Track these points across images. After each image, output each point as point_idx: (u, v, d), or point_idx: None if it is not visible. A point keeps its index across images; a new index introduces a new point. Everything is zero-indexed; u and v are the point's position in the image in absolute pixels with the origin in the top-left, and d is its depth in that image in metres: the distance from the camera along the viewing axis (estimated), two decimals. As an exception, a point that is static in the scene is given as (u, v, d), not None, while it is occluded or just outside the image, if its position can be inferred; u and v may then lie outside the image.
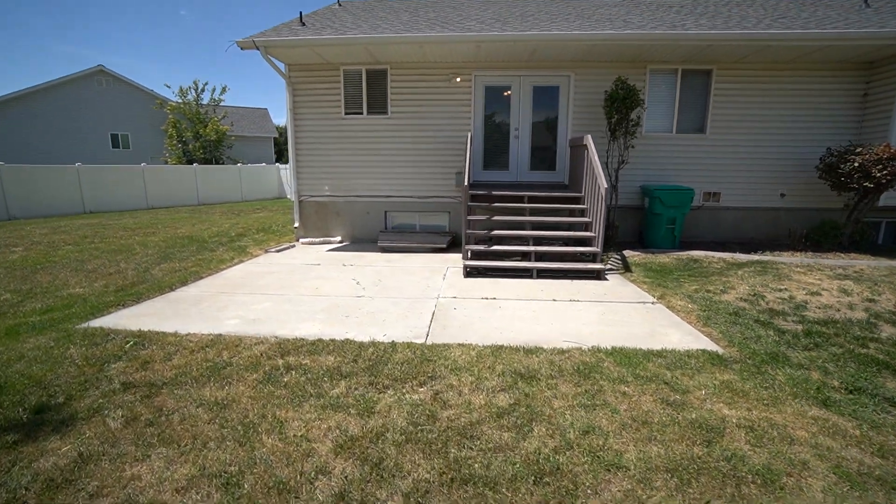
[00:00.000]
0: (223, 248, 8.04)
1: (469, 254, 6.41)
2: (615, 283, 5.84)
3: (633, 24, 7.40)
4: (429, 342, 3.85)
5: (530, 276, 6.11)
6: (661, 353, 3.61)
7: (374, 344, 3.77)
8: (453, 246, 8.18)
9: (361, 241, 8.91)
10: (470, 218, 6.66)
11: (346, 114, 8.56)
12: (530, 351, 3.65)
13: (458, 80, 8.25)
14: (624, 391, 3.00)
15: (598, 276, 6.09)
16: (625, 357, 3.52)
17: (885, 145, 7.05)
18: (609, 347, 3.73)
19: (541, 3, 9.58)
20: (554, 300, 5.13)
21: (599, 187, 6.20)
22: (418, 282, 5.89)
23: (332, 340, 3.81)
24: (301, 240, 8.89)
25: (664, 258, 7.03)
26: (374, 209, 8.87)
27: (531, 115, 8.42)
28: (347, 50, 7.56)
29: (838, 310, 4.78)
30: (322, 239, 8.81)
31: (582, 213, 7.07)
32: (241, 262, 7.06)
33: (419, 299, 5.11)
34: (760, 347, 3.78)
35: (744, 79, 8.01)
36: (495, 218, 6.93)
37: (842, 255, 7.34)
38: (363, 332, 4.09)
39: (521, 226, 7.03)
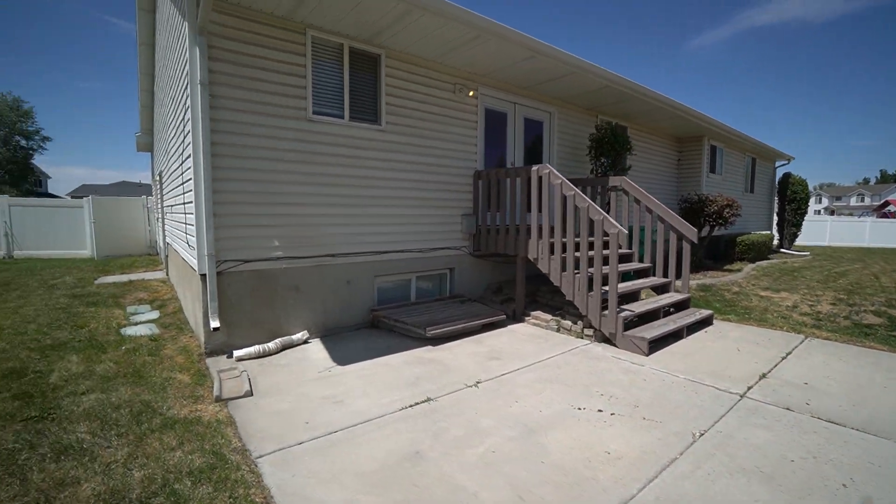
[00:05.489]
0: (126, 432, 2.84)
1: (622, 322, 4.72)
2: (729, 326, 5.64)
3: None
4: None
5: (682, 336, 5.09)
6: None
7: None
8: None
9: (340, 332, 5.15)
10: (622, 268, 4.95)
11: (315, 114, 4.87)
12: None
13: (471, 94, 6.20)
14: None
15: (712, 320, 5.75)
16: None
17: (719, 194, 10.04)
18: None
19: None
20: (793, 356, 4.40)
21: (685, 234, 5.90)
22: (663, 391, 3.84)
23: None
24: (236, 353, 4.27)
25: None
26: (357, 275, 5.32)
27: (524, 151, 7.28)
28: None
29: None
30: (279, 342, 4.52)
31: (629, 258, 6.57)
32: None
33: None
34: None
35: (644, 139, 9.66)
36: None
37: (717, 271, 9.84)
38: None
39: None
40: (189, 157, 4.27)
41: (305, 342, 4.81)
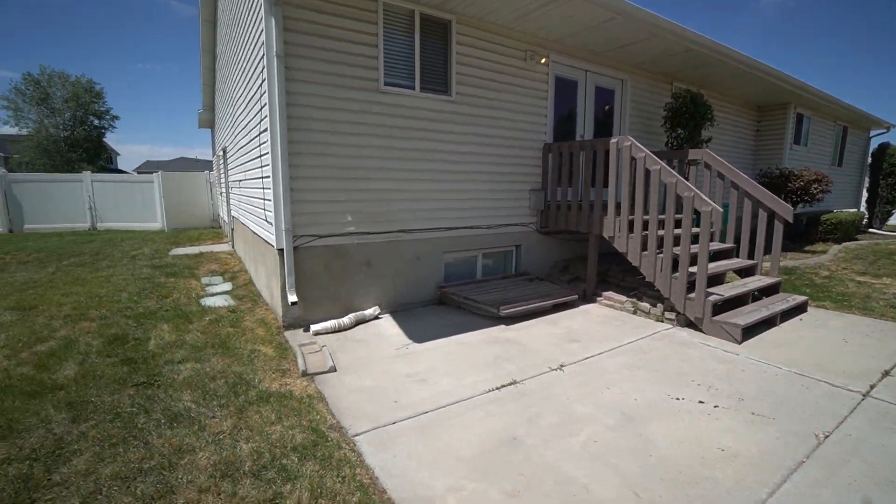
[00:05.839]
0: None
1: (710, 307, 4.40)
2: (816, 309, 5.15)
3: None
4: None
5: (774, 324, 4.69)
6: None
7: None
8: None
9: (409, 308, 5.14)
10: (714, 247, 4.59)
11: (387, 85, 4.74)
12: None
13: (543, 61, 5.84)
14: None
15: (806, 307, 5.28)
16: None
17: (805, 168, 9.13)
18: None
19: None
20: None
21: (778, 212, 5.36)
22: (768, 384, 3.56)
23: None
24: (313, 327, 4.36)
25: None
26: (427, 251, 5.26)
27: (593, 122, 6.85)
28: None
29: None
30: (353, 317, 4.56)
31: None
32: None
33: None
34: None
35: (718, 108, 8.86)
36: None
37: (798, 253, 9.08)
38: None
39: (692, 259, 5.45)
40: (266, 130, 4.26)
41: (377, 318, 4.82)
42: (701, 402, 3.05)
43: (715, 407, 2.97)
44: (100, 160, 28.62)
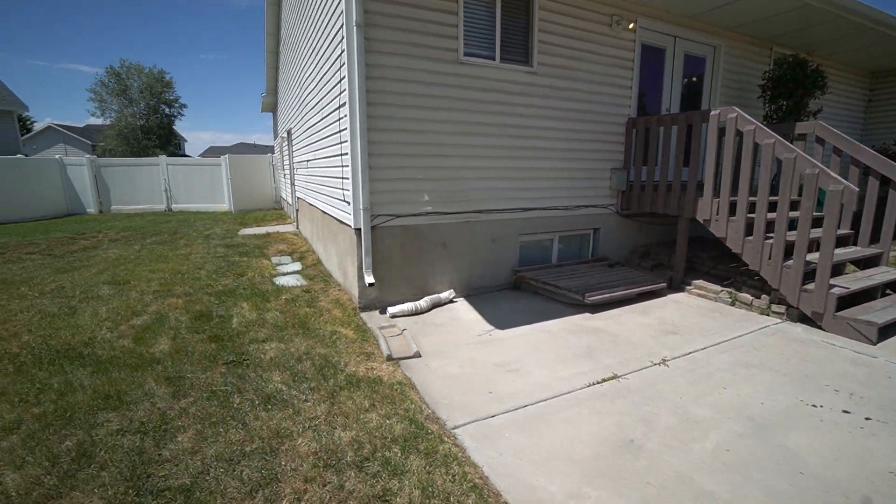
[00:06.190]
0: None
1: (833, 300, 3.85)
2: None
3: None
4: None
5: (911, 323, 4.05)
6: None
7: None
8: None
9: (483, 292, 4.92)
10: (813, 235, 4.03)
11: (466, 55, 4.46)
12: None
13: (631, 26, 5.32)
14: None
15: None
16: None
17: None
18: None
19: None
20: None
21: (915, 187, 4.61)
22: None
23: None
24: (390, 309, 4.26)
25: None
26: (502, 233, 5.00)
27: (680, 94, 6.22)
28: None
29: None
30: (429, 300, 4.41)
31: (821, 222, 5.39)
32: None
33: None
34: None
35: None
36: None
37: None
38: None
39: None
40: (344, 104, 4.12)
41: (451, 301, 4.65)
42: (846, 411, 2.62)
43: (867, 419, 2.54)
44: (170, 146, 30.56)
